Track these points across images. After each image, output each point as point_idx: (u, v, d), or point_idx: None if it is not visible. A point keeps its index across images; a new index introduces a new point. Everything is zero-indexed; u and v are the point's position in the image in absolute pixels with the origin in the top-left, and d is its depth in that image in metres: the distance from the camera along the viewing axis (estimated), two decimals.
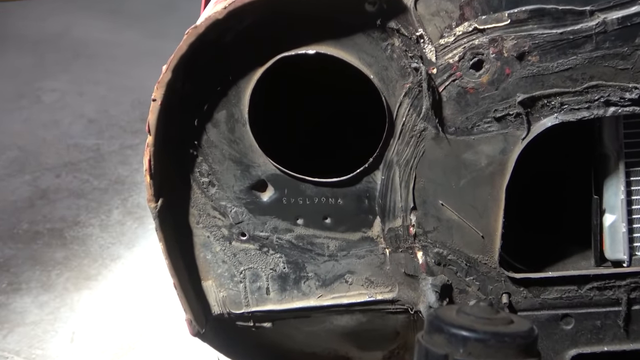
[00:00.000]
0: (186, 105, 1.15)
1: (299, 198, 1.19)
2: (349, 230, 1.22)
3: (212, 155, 1.17)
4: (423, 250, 1.22)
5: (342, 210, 1.20)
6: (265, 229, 1.22)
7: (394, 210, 1.19)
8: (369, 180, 1.18)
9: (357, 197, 1.19)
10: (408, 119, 1.14)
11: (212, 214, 1.22)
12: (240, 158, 1.17)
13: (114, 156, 3.00)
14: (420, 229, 1.20)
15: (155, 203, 1.15)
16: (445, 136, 1.14)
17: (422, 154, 1.16)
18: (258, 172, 1.18)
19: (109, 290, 2.20)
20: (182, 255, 1.25)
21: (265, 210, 1.21)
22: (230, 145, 1.17)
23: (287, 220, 1.22)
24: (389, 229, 1.21)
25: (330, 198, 1.19)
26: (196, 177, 1.19)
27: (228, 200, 1.20)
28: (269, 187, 1.21)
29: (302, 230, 1.22)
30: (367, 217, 1.20)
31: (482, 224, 1.18)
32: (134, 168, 2.92)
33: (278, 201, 1.20)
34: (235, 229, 1.23)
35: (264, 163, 1.18)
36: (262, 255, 1.25)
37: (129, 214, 2.58)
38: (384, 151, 1.16)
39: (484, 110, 1.11)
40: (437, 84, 1.09)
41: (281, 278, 1.27)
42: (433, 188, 1.17)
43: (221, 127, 1.15)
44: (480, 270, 1.23)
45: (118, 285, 2.23)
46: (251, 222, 1.22)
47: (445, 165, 1.15)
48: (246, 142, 1.17)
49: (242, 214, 1.21)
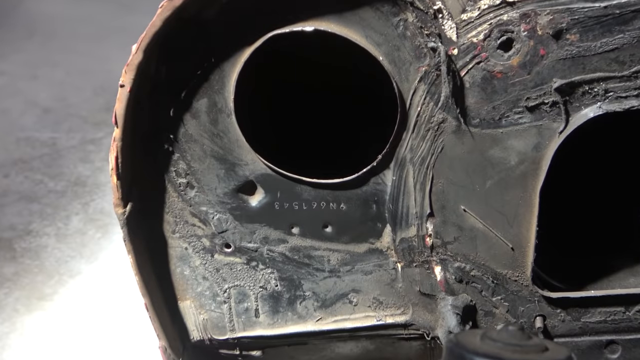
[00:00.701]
0: (160, 93, 1.15)
1: (294, 203, 1.18)
2: (353, 241, 1.22)
3: (191, 151, 1.17)
4: (442, 264, 1.23)
5: (346, 217, 1.20)
6: (254, 240, 1.23)
7: (407, 217, 1.19)
8: (377, 182, 1.18)
9: (363, 201, 1.18)
10: (424, 109, 1.14)
11: (191, 221, 1.22)
12: (225, 155, 1.17)
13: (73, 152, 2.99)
14: (438, 239, 1.21)
15: (123, 208, 1.15)
16: (468, 129, 1.14)
17: (440, 151, 1.16)
18: (245, 172, 1.18)
19: (66, 313, 2.17)
20: (155, 271, 1.25)
21: (254, 217, 1.21)
22: (213, 139, 1.17)
23: (280, 229, 1.22)
24: (401, 240, 1.21)
25: (331, 203, 1.18)
26: (172, 177, 1.19)
27: (210, 205, 1.20)
28: (258, 189, 1.21)
29: (297, 241, 1.22)
30: (375, 225, 1.20)
31: (512, 233, 1.19)
32: (97, 167, 2.91)
33: (269, 206, 1.20)
34: (218, 239, 1.23)
35: (252, 161, 1.17)
36: (250, 270, 1.25)
37: (90, 222, 2.57)
38: (396, 147, 1.16)
39: (514, 98, 1.11)
40: (459, 67, 1.09)
41: (273, 298, 1.27)
42: (454, 191, 1.17)
43: (202, 119, 1.15)
44: (509, 288, 1.24)
45: (77, 306, 2.20)
46: (237, 232, 1.22)
47: (468, 164, 1.15)
48: (231, 136, 1.16)
49: (227, 221, 1.21)
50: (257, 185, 1.20)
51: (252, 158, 1.18)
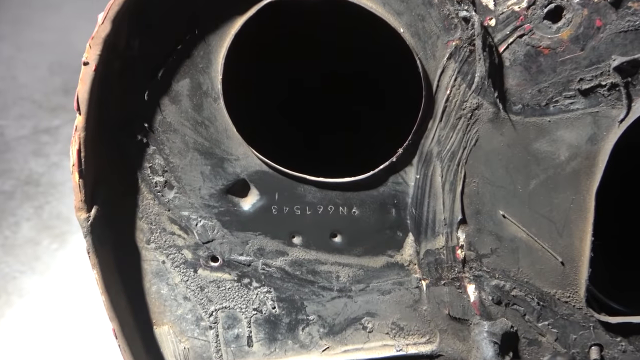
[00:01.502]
0: (132, 72, 1.15)
1: (296, 206, 1.19)
2: (368, 254, 1.22)
3: (170, 143, 1.17)
4: (476, 282, 1.23)
5: (358, 224, 1.20)
6: (246, 252, 1.23)
7: (433, 224, 1.19)
8: (397, 181, 1.18)
9: (379, 205, 1.18)
10: (454, 93, 1.14)
11: (170, 229, 1.22)
12: (211, 148, 1.17)
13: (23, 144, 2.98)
14: (471, 251, 1.21)
15: (86, 213, 1.15)
16: (507, 117, 1.14)
17: (474, 143, 1.16)
18: (236, 169, 1.18)
19: (12, 340, 2.13)
20: (126, 290, 1.25)
21: (247, 224, 1.21)
22: (196, 129, 1.17)
23: (279, 239, 1.22)
24: (427, 252, 1.21)
25: (340, 207, 1.18)
26: (146, 175, 1.19)
27: (192, 209, 1.20)
28: (251, 190, 1.20)
29: (299, 253, 1.22)
30: (394, 234, 1.20)
31: (562, 244, 1.19)
32: (52, 162, 2.90)
33: (265, 211, 1.20)
34: (202, 250, 1.23)
35: (244, 155, 1.17)
36: (241, 289, 1.25)
37: (45, 229, 2.55)
38: (420, 139, 1.16)
39: (564, 79, 1.11)
40: (497, 42, 1.09)
41: (269, 323, 1.27)
42: (490, 192, 1.18)
43: (183, 104, 1.15)
44: (558, 311, 1.24)
45: (26, 332, 2.17)
46: (226, 242, 1.22)
47: (508, 160, 1.15)
48: (219, 125, 1.16)
49: (213, 229, 1.21)
50: (250, 185, 1.20)
51: (244, 152, 1.18)
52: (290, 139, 1.50)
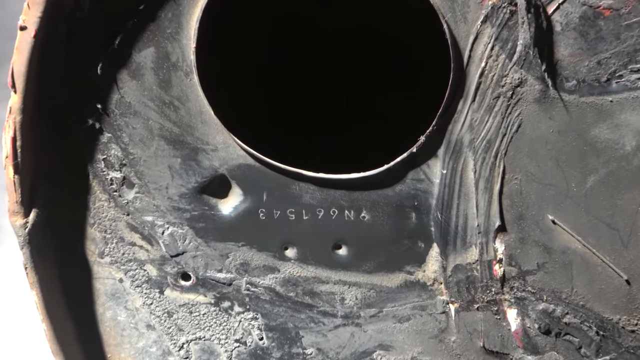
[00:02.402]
0: (82, 39, 1.14)
1: (290, 210, 1.19)
2: (381, 270, 1.22)
3: (130, 129, 1.18)
4: (518, 306, 1.23)
5: (369, 232, 1.20)
6: (226, 267, 1.23)
7: (464, 232, 1.20)
8: (418, 178, 1.18)
9: (395, 208, 1.19)
10: (491, 65, 1.14)
11: (129, 238, 1.22)
12: (181, 135, 1.17)
13: None
14: (513, 267, 1.21)
15: (23, 218, 1.15)
16: (559, 96, 1.14)
17: (515, 129, 1.16)
18: (214, 162, 1.18)
19: None
20: (73, 315, 1.25)
21: (227, 233, 1.21)
22: (163, 111, 1.17)
23: (268, 251, 1.22)
24: (456, 268, 1.21)
25: (346, 210, 1.18)
26: (100, 170, 1.20)
27: (158, 214, 1.20)
28: (233, 189, 1.20)
29: (294, 269, 1.23)
30: (414, 245, 1.21)
31: (628, 258, 1.19)
32: None
33: (251, 216, 1.20)
34: (170, 266, 1.23)
35: (224, 145, 1.17)
36: (220, 315, 1.26)
37: None
38: (447, 124, 1.16)
39: (630, 48, 1.11)
40: (544, 1, 1.09)
41: (256, 358, 1.27)
42: (537, 192, 1.18)
43: (146, 79, 1.15)
44: (623, 343, 1.24)
45: None
46: (201, 255, 1.23)
47: (560, 150, 1.15)
48: (192, 107, 1.16)
49: (184, 238, 1.21)
50: (231, 182, 1.20)
51: (223, 141, 1.18)
52: (283, 126, 1.53)
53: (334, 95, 1.59)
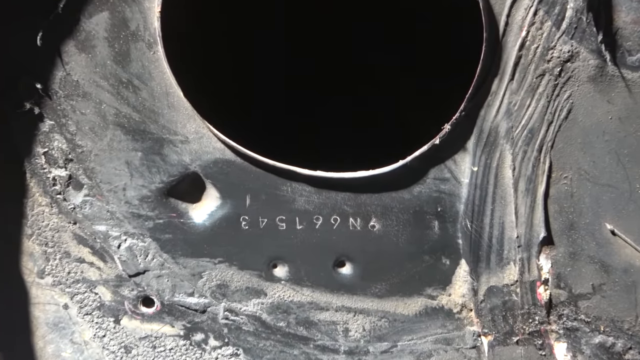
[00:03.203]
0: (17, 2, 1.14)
1: (280, 217, 1.20)
2: (394, 293, 1.23)
3: (78, 116, 1.19)
4: (568, 339, 1.24)
5: (380, 245, 1.22)
6: (199, 290, 1.25)
7: (500, 245, 1.20)
8: (442, 176, 1.19)
9: (414, 215, 1.20)
10: (534, 35, 1.12)
11: (77, 253, 1.23)
12: (143, 123, 1.19)
13: None
14: (562, 289, 1.22)
15: None
16: (619, 73, 1.12)
17: (565, 116, 1.15)
18: (184, 157, 1.20)
19: None
20: (4, 349, 1.25)
21: (201, 246, 1.24)
22: (120, 92, 1.18)
23: (252, 269, 1.24)
24: (491, 291, 1.23)
25: (351, 218, 1.19)
26: (39, 167, 1.21)
27: (114, 223, 1.23)
28: (208, 191, 1.23)
29: (285, 292, 1.25)
30: (436, 261, 1.23)
31: None
32: None
33: (230, 224, 1.22)
34: (129, 288, 1.25)
35: (197, 135, 1.19)
36: (191, 350, 1.27)
37: None
38: (478, 109, 1.17)
39: None
40: None
41: None
42: (592, 195, 1.18)
43: (98, 52, 1.17)
44: None
45: None
46: (167, 274, 1.25)
47: (621, 142, 1.15)
48: (156, 87, 1.18)
49: (147, 253, 1.23)
50: (206, 182, 1.17)
51: (196, 130, 1.16)
52: (272, 114, 1.55)
53: (341, 75, 1.62)
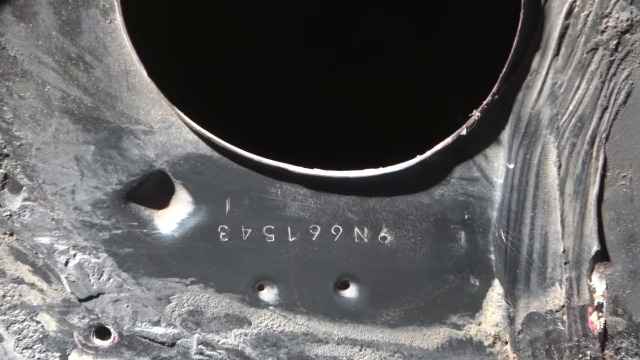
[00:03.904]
0: None
1: (267, 227, 1.20)
2: (410, 322, 1.22)
3: (15, 100, 1.19)
4: None
5: (392, 261, 1.22)
6: (167, 318, 1.25)
7: (543, 261, 1.19)
8: (469, 176, 1.19)
9: (434, 223, 1.20)
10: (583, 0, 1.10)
11: (13, 271, 1.23)
12: (97, 109, 1.19)
13: None
14: (620, 316, 1.21)
15: None
16: None
17: (623, 100, 1.14)
18: (148, 151, 1.21)
19: None
20: None
21: (169, 263, 1.23)
22: (68, 71, 1.18)
23: (232, 292, 1.24)
24: (530, 319, 1.22)
25: (357, 228, 1.18)
26: None
27: (60, 234, 1.22)
28: (178, 194, 1.22)
29: (274, 321, 1.24)
30: (463, 282, 1.23)
31: None
32: None
33: (205, 236, 1.22)
34: (79, 315, 1.24)
35: (163, 124, 1.19)
36: None
37: None
38: (515, 91, 1.16)
39: None
40: None
41: None
42: None
43: (41, 21, 1.16)
44: None
45: None
46: (127, 297, 1.25)
47: None
48: (113, 65, 1.18)
49: (101, 271, 1.23)
50: (175, 183, 1.15)
51: (163, 118, 1.14)
52: (258, 102, 1.56)
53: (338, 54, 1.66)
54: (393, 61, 1.72)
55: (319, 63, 1.76)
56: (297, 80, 1.74)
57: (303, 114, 1.68)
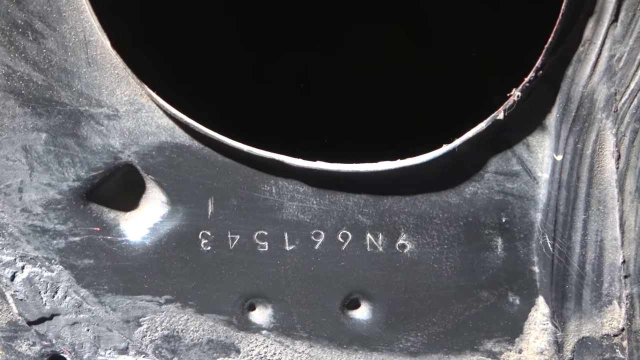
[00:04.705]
0: None
1: (259, 233, 1.21)
2: (436, 348, 1.23)
3: None
4: None
5: (413, 274, 1.22)
6: (136, 344, 1.25)
7: (598, 275, 1.19)
8: (508, 170, 1.19)
9: (464, 228, 1.21)
10: None
11: None
12: (49, 88, 1.18)
13: None
14: None
15: None
16: None
17: None
18: (112, 141, 1.21)
19: None
20: None
21: (138, 277, 1.23)
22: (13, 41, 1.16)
23: (216, 312, 1.24)
24: (583, 344, 1.22)
25: (369, 233, 1.18)
26: None
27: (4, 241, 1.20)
28: (150, 192, 1.23)
29: (268, 348, 1.23)
30: (499, 300, 1.23)
31: None
32: None
33: (183, 244, 1.22)
34: (28, 341, 1.23)
35: (132, 107, 1.19)
36: None
37: None
38: (564, 66, 1.15)
39: None
40: None
41: None
42: None
43: None
44: None
45: None
46: (87, 319, 1.24)
47: None
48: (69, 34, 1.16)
49: (55, 287, 1.22)
50: (145, 179, 1.15)
51: (130, 99, 1.13)
52: (250, 84, 1.57)
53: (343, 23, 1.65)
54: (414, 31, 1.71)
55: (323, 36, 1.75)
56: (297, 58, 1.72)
57: (305, 101, 1.66)
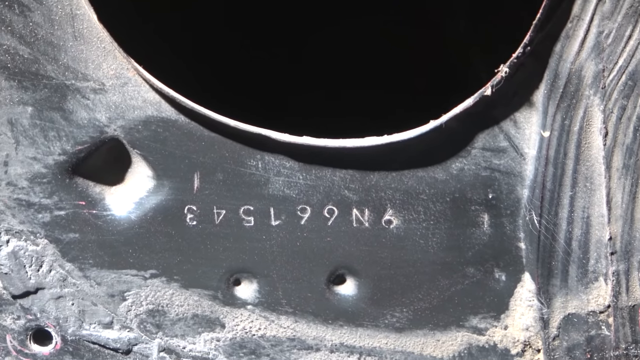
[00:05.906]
0: None
1: (245, 208, 1.21)
2: (421, 324, 1.23)
3: None
4: None
5: (399, 250, 1.22)
6: (121, 319, 1.25)
7: (584, 251, 1.19)
8: (495, 146, 1.19)
9: (451, 204, 1.20)
10: None
11: None
12: (36, 62, 1.17)
13: None
14: None
15: None
16: None
17: None
18: (98, 114, 1.20)
19: None
20: None
21: (124, 252, 1.22)
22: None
23: (201, 287, 1.24)
24: (568, 321, 1.22)
25: (355, 209, 1.18)
26: None
27: None
28: (136, 166, 1.22)
29: (252, 323, 1.23)
30: (485, 275, 1.22)
31: None
32: None
33: (169, 218, 1.22)
34: (12, 314, 1.21)
35: (118, 81, 1.18)
36: None
37: None
38: (552, 43, 1.15)
39: None
40: None
41: None
42: None
43: None
44: None
45: None
46: (72, 294, 1.24)
47: None
48: (55, 7, 1.15)
49: (40, 261, 1.22)
50: (131, 153, 1.15)
51: (117, 73, 1.13)
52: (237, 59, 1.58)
53: None
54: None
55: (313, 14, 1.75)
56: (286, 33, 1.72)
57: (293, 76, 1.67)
